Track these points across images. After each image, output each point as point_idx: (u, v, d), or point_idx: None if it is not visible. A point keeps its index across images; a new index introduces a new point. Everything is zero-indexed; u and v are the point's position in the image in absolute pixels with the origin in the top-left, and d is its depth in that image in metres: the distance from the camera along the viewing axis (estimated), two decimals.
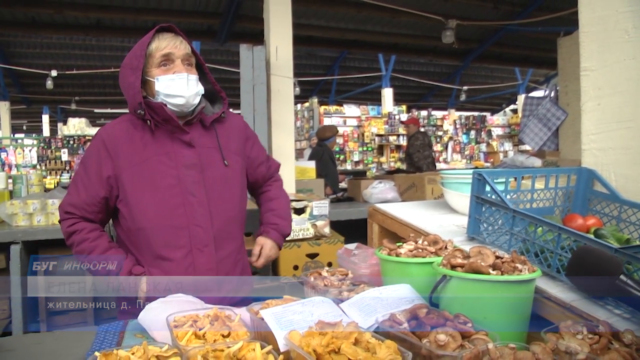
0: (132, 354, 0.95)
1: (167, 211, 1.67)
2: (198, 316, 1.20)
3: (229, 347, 0.99)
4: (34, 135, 19.34)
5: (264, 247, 1.93)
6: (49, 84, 12.29)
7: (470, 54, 12.39)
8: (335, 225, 4.22)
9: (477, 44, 11.77)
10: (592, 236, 1.32)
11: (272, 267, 3.89)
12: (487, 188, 1.50)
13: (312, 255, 3.91)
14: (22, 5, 8.24)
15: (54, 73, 11.84)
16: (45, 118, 18.65)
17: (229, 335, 1.08)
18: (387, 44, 12.03)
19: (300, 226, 3.92)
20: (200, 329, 1.11)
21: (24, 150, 10.59)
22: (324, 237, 3.98)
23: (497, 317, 1.08)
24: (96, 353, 0.96)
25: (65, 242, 1.74)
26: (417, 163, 7.77)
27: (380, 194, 5.34)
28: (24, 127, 23.26)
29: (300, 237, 3.92)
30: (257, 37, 5.75)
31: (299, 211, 3.92)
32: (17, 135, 18.25)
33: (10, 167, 10.43)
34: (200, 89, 1.73)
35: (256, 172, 1.96)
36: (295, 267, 3.87)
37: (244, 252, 1.91)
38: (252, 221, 3.44)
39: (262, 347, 0.98)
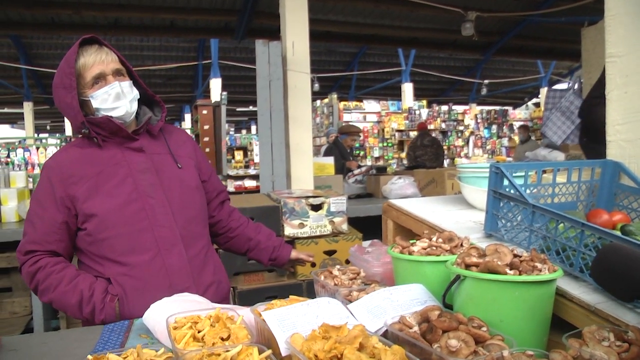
0: (125, 358, 0.91)
1: (129, 217, 1.62)
2: (199, 317, 1.15)
3: (227, 351, 0.94)
4: (57, 134, 19.66)
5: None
6: None
7: (491, 47, 12.19)
8: (354, 222, 4.16)
9: (498, 37, 11.57)
10: (618, 233, 1.24)
11: None
12: (505, 182, 1.42)
13: (330, 252, 3.85)
14: (41, 6, 8.34)
15: None
16: None
17: (228, 337, 1.03)
18: (406, 39, 11.92)
19: (317, 223, 3.86)
20: (199, 331, 1.06)
21: (46, 150, 10.75)
22: (341, 234, 3.91)
23: (515, 321, 1.00)
24: (88, 357, 0.92)
25: (29, 287, 1.64)
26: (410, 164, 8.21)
27: (400, 190, 5.25)
28: (48, 127, 23.70)
29: (318, 233, 3.85)
30: (275, 33, 5.72)
31: (316, 208, 3.86)
32: (41, 135, 18.58)
33: (33, 166, 10.61)
34: (135, 93, 1.69)
35: (208, 183, 1.91)
36: (313, 265, 3.81)
37: (212, 250, 1.86)
38: (265, 218, 3.40)
39: (262, 351, 0.92)
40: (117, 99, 1.63)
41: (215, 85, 12.67)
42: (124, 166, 1.66)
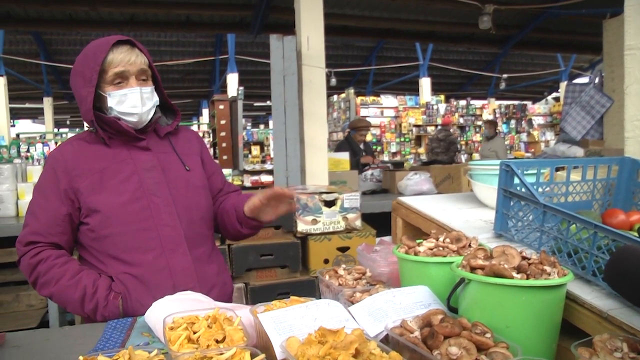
0: None
1: (133, 215, 1.60)
2: (197, 318, 1.13)
3: (222, 354, 0.91)
4: (77, 129, 19.94)
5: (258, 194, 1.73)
6: None
7: (509, 41, 11.96)
8: (368, 218, 4.11)
9: (516, 30, 11.34)
10: (634, 234, 1.18)
11: (303, 261, 3.82)
12: (516, 180, 1.37)
13: (343, 249, 3.82)
14: (58, 2, 8.42)
15: None
16: None
17: (224, 339, 1.00)
18: (423, 32, 11.74)
19: (330, 219, 3.83)
20: (195, 332, 1.03)
21: None
22: (355, 230, 3.87)
23: (522, 327, 0.95)
24: (80, 357, 0.90)
25: (28, 280, 1.61)
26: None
27: (416, 186, 5.19)
28: (68, 122, 24.04)
29: (331, 230, 3.82)
30: (291, 28, 5.67)
31: (330, 204, 3.82)
32: (61, 130, 18.85)
33: None
34: (155, 100, 1.67)
35: (211, 180, 1.87)
36: (326, 261, 3.78)
37: (217, 251, 1.82)
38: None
39: (255, 355, 0.89)
40: (134, 106, 1.61)
41: (232, 80, 12.69)
42: (129, 164, 1.64)
